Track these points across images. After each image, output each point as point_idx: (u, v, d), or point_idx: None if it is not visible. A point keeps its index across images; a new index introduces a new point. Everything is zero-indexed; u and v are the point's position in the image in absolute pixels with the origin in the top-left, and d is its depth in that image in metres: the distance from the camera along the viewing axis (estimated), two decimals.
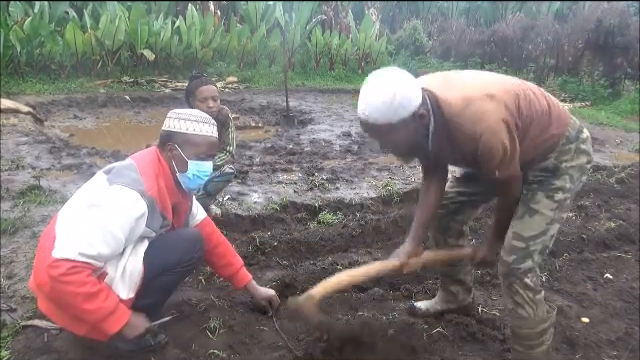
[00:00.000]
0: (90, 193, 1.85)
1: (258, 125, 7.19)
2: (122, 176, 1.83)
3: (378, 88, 1.60)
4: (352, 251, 3.05)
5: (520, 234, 1.81)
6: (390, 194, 4.15)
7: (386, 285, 2.70)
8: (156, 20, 10.14)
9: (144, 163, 1.91)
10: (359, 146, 5.87)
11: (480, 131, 1.62)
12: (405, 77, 1.64)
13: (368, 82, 1.65)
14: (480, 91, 1.68)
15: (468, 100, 1.65)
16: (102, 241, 1.73)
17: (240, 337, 2.11)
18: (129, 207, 1.77)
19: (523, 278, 1.80)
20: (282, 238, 3.11)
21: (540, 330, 1.86)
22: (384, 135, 1.66)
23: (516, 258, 1.80)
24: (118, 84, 9.20)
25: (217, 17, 11.65)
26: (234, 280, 2.28)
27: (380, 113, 1.58)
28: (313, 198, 3.96)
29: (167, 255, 1.93)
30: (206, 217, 2.30)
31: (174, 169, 1.97)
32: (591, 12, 11.73)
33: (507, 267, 1.82)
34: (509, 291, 1.84)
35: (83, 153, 4.96)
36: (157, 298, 2.03)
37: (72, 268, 1.67)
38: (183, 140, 1.94)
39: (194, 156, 1.96)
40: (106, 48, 9.32)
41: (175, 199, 1.99)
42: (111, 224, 1.74)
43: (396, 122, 1.60)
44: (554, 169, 1.80)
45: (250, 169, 4.65)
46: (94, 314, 1.74)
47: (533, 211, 1.80)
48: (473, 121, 1.63)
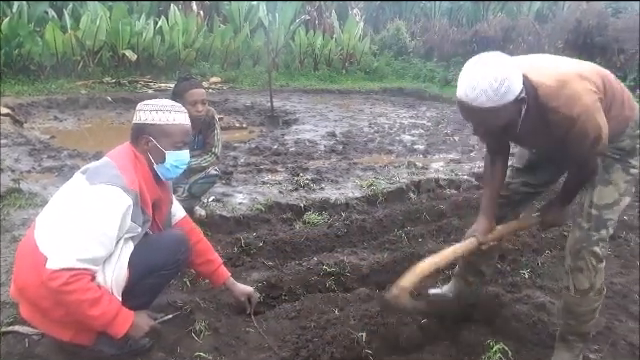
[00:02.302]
0: (71, 196, 1.82)
1: (242, 126, 7.16)
2: (102, 175, 1.81)
3: (485, 73, 1.60)
4: (338, 251, 3.06)
5: (595, 202, 1.89)
6: (375, 194, 4.17)
7: (372, 284, 2.71)
8: (138, 20, 10.02)
9: (121, 159, 1.89)
10: (344, 146, 5.88)
11: (577, 112, 1.66)
12: (510, 62, 1.64)
13: (473, 66, 1.64)
14: (572, 73, 1.73)
15: (562, 82, 1.69)
16: (97, 243, 1.71)
17: (226, 339, 2.10)
18: (115, 204, 1.76)
19: (593, 245, 1.87)
20: (267, 239, 3.10)
21: (594, 308, 1.96)
22: (485, 118, 1.66)
23: (591, 225, 1.88)
24: (100, 85, 9.07)
25: (200, 17, 11.57)
26: (213, 277, 2.28)
27: (487, 97, 1.59)
28: (298, 198, 3.96)
29: (152, 258, 1.91)
30: (185, 215, 2.28)
31: (151, 161, 1.95)
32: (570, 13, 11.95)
33: (582, 232, 1.89)
34: (575, 258, 1.91)
35: (64, 155, 4.88)
36: (143, 300, 2.01)
37: (73, 276, 1.65)
38: (158, 131, 1.93)
39: (170, 146, 1.95)
40: (87, 48, 9.19)
41: (154, 193, 1.97)
42: (101, 224, 1.72)
43: (500, 106, 1.61)
44: (630, 150, 1.89)
45: (235, 170, 4.63)
46: (100, 319, 1.73)
47: (607, 182, 1.88)
48: (569, 102, 1.67)
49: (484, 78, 1.59)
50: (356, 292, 2.55)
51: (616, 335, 2.28)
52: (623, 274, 2.91)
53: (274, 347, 2.06)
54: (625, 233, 3.39)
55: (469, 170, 5.08)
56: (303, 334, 2.11)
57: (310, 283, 2.63)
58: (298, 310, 2.30)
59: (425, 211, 3.72)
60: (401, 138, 6.52)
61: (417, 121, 7.80)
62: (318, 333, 2.10)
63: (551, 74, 1.72)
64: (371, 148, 5.91)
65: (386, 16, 15.71)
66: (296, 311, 2.30)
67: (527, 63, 1.77)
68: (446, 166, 5.24)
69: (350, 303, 2.40)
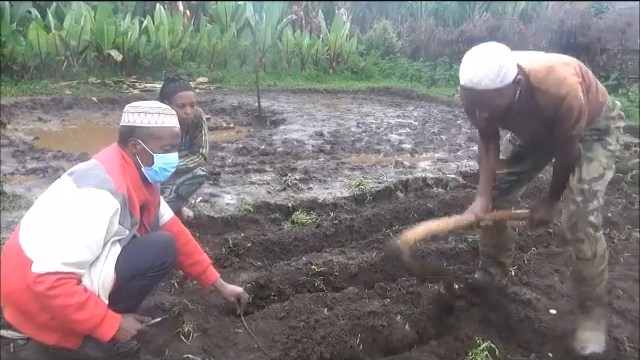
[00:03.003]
0: (58, 199, 1.80)
1: (230, 126, 7.13)
2: (89, 177, 1.78)
3: (487, 58, 1.80)
4: (326, 251, 3.06)
5: (583, 178, 2.08)
6: (363, 193, 4.18)
7: (361, 284, 2.72)
8: (123, 20, 9.93)
9: (109, 162, 1.87)
10: (331, 146, 5.89)
11: (564, 92, 1.88)
12: (505, 49, 1.86)
13: (473, 55, 1.83)
14: (557, 60, 2.00)
15: (550, 67, 1.93)
16: (83, 247, 1.69)
17: (215, 340, 2.09)
18: (102, 208, 1.74)
19: (588, 216, 2.04)
20: (256, 239, 3.09)
21: (600, 271, 2.13)
22: (488, 100, 1.83)
23: (583, 198, 2.06)
24: (84, 85, 8.97)
25: (186, 17, 11.51)
26: (202, 278, 2.26)
27: (490, 80, 1.78)
28: (286, 198, 3.96)
29: (139, 260, 1.90)
30: (173, 216, 2.27)
31: (139, 164, 1.94)
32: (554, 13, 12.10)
33: (576, 205, 2.06)
34: (574, 230, 2.06)
35: (49, 156, 4.82)
36: (130, 303, 1.99)
37: (58, 280, 1.63)
38: (146, 134, 1.91)
39: (159, 149, 1.93)
40: (71, 48, 9.08)
41: (142, 196, 1.95)
42: (88, 228, 1.70)
43: (501, 87, 1.80)
44: (605, 129, 2.14)
45: (222, 170, 4.61)
46: (87, 323, 1.71)
47: (590, 159, 2.10)
48: (556, 84, 1.89)
49: (485, 63, 1.79)
50: (345, 291, 2.55)
51: None
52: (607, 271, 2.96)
53: (263, 348, 2.06)
54: (609, 230, 3.44)
55: (456, 169, 5.12)
56: (292, 334, 2.11)
57: (299, 283, 2.63)
58: (287, 310, 2.30)
59: (413, 210, 3.74)
60: (389, 137, 6.55)
61: (404, 120, 7.84)
62: (307, 333, 2.10)
63: (539, 62, 1.97)
64: (359, 147, 5.92)
65: (373, 16, 15.75)
66: (285, 311, 2.29)
67: (518, 55, 1.97)
68: (433, 165, 5.28)
69: (339, 302, 2.41)
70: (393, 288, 2.58)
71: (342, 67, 12.83)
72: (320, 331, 2.10)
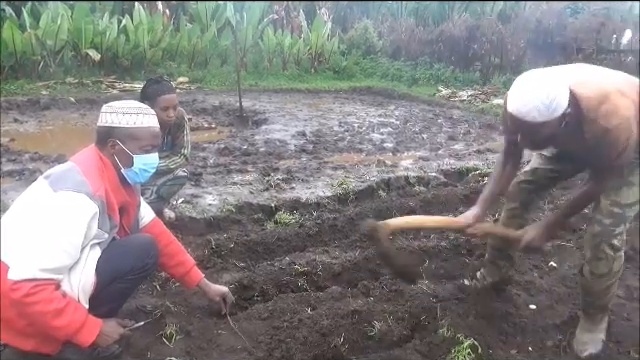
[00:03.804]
0: (34, 203, 1.76)
1: (211, 126, 7.08)
2: (66, 180, 1.75)
3: (537, 90, 1.71)
4: (309, 250, 3.06)
5: (618, 201, 2.02)
6: (346, 192, 4.19)
7: (344, 283, 2.73)
8: (101, 19, 9.77)
9: (86, 164, 1.84)
10: (314, 145, 5.89)
11: (613, 125, 1.79)
12: (558, 79, 1.77)
13: (524, 83, 1.76)
14: (613, 87, 1.86)
15: (603, 96, 1.82)
16: (61, 252, 1.66)
17: (198, 342, 2.07)
18: (80, 212, 1.71)
19: (612, 240, 2.03)
20: (238, 240, 3.07)
21: (608, 285, 2.12)
22: (533, 131, 1.78)
23: (613, 221, 2.03)
24: (62, 85, 8.80)
25: (166, 16, 11.38)
26: (186, 279, 2.24)
27: (539, 113, 1.71)
28: (269, 198, 3.95)
29: (119, 263, 1.87)
30: (154, 217, 2.24)
31: (118, 165, 1.91)
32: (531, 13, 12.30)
33: (604, 227, 2.03)
34: (595, 250, 2.06)
35: (25, 158, 4.72)
36: (111, 306, 1.97)
37: (35, 287, 1.60)
38: (125, 135, 1.88)
39: (139, 150, 1.90)
40: (48, 48, 8.90)
41: (121, 198, 1.93)
42: (66, 233, 1.67)
43: (549, 121, 1.73)
44: None
45: (204, 171, 4.57)
46: (66, 329, 1.68)
47: (631, 183, 2.03)
48: (607, 116, 1.80)
49: (536, 96, 1.71)
50: (328, 291, 2.56)
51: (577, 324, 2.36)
52: None
53: (247, 348, 2.05)
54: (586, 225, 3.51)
55: (437, 167, 5.17)
56: (276, 334, 2.11)
57: (282, 283, 2.62)
58: (271, 310, 2.29)
59: (395, 208, 3.77)
60: (370, 137, 6.58)
61: (386, 120, 7.88)
62: (291, 333, 2.09)
63: (594, 88, 1.85)
64: (341, 147, 5.94)
65: (354, 15, 15.80)
66: (269, 311, 2.29)
67: (573, 76, 1.90)
68: (415, 164, 5.32)
69: (323, 302, 2.41)
70: (376, 286, 2.59)
71: (324, 67, 12.84)
72: (304, 331, 2.10)
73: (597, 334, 2.22)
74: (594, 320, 2.22)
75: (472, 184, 4.61)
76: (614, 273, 2.10)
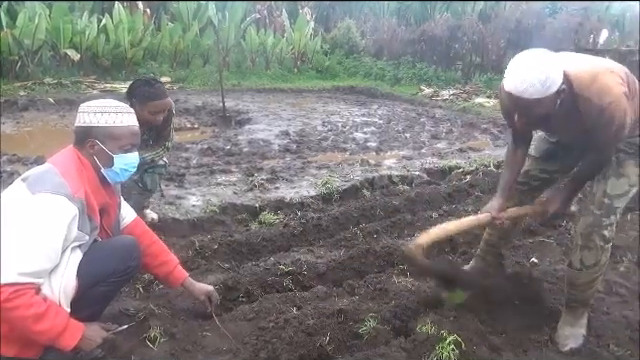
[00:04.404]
0: (12, 206, 1.72)
1: (194, 126, 7.03)
2: (44, 182, 1.72)
3: (533, 68, 1.80)
4: (294, 250, 3.06)
5: (608, 192, 2.09)
6: (330, 192, 4.20)
7: (329, 282, 2.73)
8: (80, 18, 9.63)
9: (64, 165, 1.80)
10: (297, 145, 5.89)
11: (607, 102, 1.86)
12: (553, 57, 1.85)
13: (521, 62, 1.84)
14: (604, 67, 1.96)
15: (595, 75, 1.90)
16: (40, 256, 1.63)
17: (183, 345, 2.06)
18: (59, 214, 1.68)
19: (603, 230, 2.10)
20: (222, 240, 3.06)
21: (593, 278, 2.20)
22: (530, 108, 1.85)
23: (603, 212, 2.10)
24: (40, 86, 8.65)
25: (147, 15, 11.25)
26: (170, 279, 2.21)
27: (535, 89, 1.79)
28: (253, 199, 3.94)
29: (101, 266, 1.85)
30: (136, 217, 2.21)
31: (98, 166, 1.88)
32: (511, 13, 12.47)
33: (594, 217, 2.11)
34: (586, 239, 2.13)
35: (3, 160, 4.63)
36: (94, 310, 1.94)
37: (14, 292, 1.57)
38: (104, 134, 1.85)
39: (118, 149, 1.87)
40: (25, 48, 8.74)
41: (101, 199, 1.90)
42: (45, 236, 1.64)
43: (545, 97, 1.80)
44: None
45: (187, 172, 4.54)
46: (47, 333, 1.65)
47: (620, 175, 2.09)
48: (600, 93, 1.87)
49: (532, 72, 1.79)
50: (314, 290, 2.56)
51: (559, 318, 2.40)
52: (564, 261, 3.07)
53: (233, 350, 2.04)
54: (565, 222, 3.58)
55: (420, 166, 5.21)
56: (262, 335, 2.10)
57: (267, 283, 2.62)
58: (256, 311, 2.29)
59: (379, 207, 3.79)
60: (354, 136, 6.60)
61: (369, 119, 7.91)
62: (277, 333, 2.09)
63: (585, 68, 1.94)
64: (325, 146, 5.95)
65: (336, 15, 15.83)
66: (254, 312, 2.28)
67: (566, 59, 1.98)
68: (398, 163, 5.35)
69: (308, 302, 2.41)
70: (361, 285, 2.60)
71: (307, 66, 12.85)
72: (289, 331, 2.10)
73: (578, 329, 2.27)
74: (575, 314, 2.28)
75: (455, 182, 4.66)
76: (601, 266, 2.16)
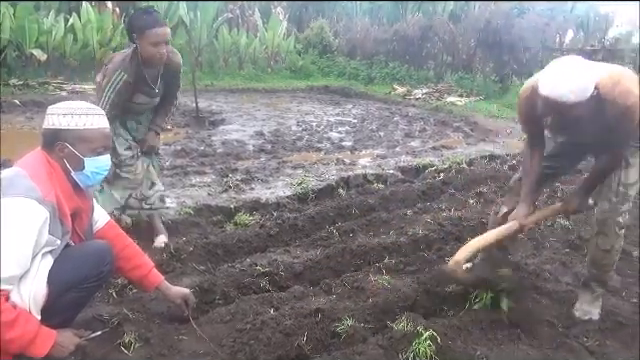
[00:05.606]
0: None
1: (167, 127, 6.92)
2: (13, 186, 1.67)
3: (572, 73, 1.91)
4: (271, 251, 3.05)
5: (621, 180, 2.30)
6: (305, 192, 4.21)
7: (306, 282, 2.73)
8: (46, 17, 9.37)
9: (33, 168, 1.76)
10: (272, 145, 5.87)
11: (631, 102, 2.01)
12: (586, 64, 1.97)
13: (559, 67, 1.96)
14: (622, 72, 2.13)
15: (615, 79, 2.05)
16: (10, 261, 1.58)
17: (158, 349, 2.03)
18: (29, 218, 1.63)
19: (618, 217, 2.31)
20: (198, 243, 3.03)
21: (613, 261, 2.44)
22: (565, 112, 1.95)
23: (618, 199, 2.30)
24: (5, 87, 8.38)
25: (116, 14, 11.02)
26: (145, 282, 2.18)
27: (574, 94, 1.89)
28: (228, 200, 3.91)
29: (73, 272, 1.81)
30: (109, 220, 2.17)
31: (68, 169, 1.83)
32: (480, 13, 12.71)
33: (610, 204, 2.31)
34: (602, 225, 2.35)
35: None
36: (66, 316, 1.90)
37: None
38: (74, 137, 1.81)
39: (89, 152, 1.83)
40: None
41: (73, 203, 1.85)
42: (15, 241, 1.60)
43: (580, 102, 1.91)
44: None
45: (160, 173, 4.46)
46: (17, 341, 1.61)
47: (629, 164, 2.29)
48: (623, 96, 2.01)
49: (571, 78, 1.91)
50: (291, 290, 2.56)
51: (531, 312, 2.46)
52: (535, 255, 3.16)
53: (210, 353, 2.02)
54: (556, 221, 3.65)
55: (394, 164, 5.27)
56: (239, 337, 2.09)
57: (244, 285, 2.60)
58: (233, 313, 2.27)
59: (355, 206, 3.81)
60: (329, 135, 6.62)
61: (343, 118, 7.95)
62: (254, 335, 2.08)
63: (606, 74, 2.07)
64: (300, 146, 5.95)
65: (309, 15, 15.84)
66: (231, 314, 2.26)
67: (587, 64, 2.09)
68: (373, 161, 5.40)
69: (285, 302, 2.41)
70: (338, 284, 2.61)
71: (280, 66, 12.82)
72: (267, 332, 2.09)
73: (595, 309, 2.47)
74: (592, 293, 2.48)
75: (429, 180, 4.72)
76: (616, 250, 2.37)
